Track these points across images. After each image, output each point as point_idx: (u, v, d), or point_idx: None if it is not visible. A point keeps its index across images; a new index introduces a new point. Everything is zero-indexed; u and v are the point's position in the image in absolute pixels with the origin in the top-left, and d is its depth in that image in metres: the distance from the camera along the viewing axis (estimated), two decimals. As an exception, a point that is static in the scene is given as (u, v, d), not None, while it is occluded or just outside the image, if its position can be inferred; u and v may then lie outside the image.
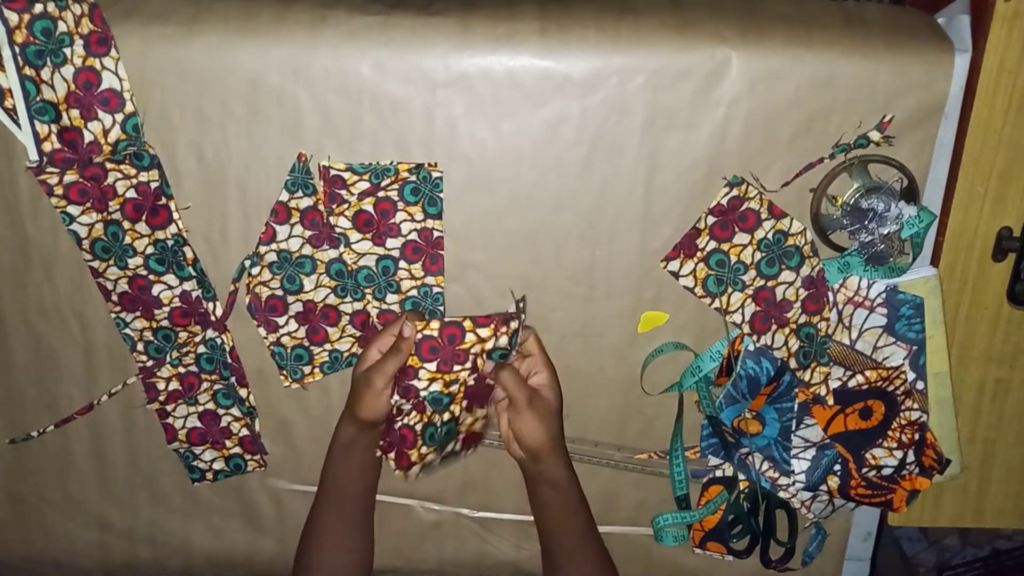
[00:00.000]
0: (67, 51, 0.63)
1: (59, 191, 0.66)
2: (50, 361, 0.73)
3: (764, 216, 0.67)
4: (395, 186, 0.67)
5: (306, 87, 0.65)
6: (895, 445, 0.71)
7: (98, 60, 0.64)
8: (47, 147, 0.65)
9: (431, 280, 0.70)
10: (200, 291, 0.70)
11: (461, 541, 0.78)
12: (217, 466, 0.76)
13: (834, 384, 0.71)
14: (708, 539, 0.76)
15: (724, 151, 0.66)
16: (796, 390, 0.71)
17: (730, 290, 0.69)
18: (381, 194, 0.67)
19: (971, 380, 0.74)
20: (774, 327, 0.69)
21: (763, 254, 0.68)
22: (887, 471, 0.72)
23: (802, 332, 0.69)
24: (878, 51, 0.64)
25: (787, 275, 0.68)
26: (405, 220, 0.68)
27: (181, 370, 0.73)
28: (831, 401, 0.71)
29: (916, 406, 0.71)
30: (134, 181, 0.67)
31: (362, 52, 0.64)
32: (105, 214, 0.67)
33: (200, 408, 0.74)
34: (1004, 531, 1.66)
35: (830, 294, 0.69)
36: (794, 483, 0.73)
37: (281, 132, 0.66)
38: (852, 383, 0.71)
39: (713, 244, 0.68)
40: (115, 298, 0.70)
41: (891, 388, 0.70)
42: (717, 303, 0.69)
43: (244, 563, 0.80)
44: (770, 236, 0.67)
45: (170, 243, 0.69)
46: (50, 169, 0.65)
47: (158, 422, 0.75)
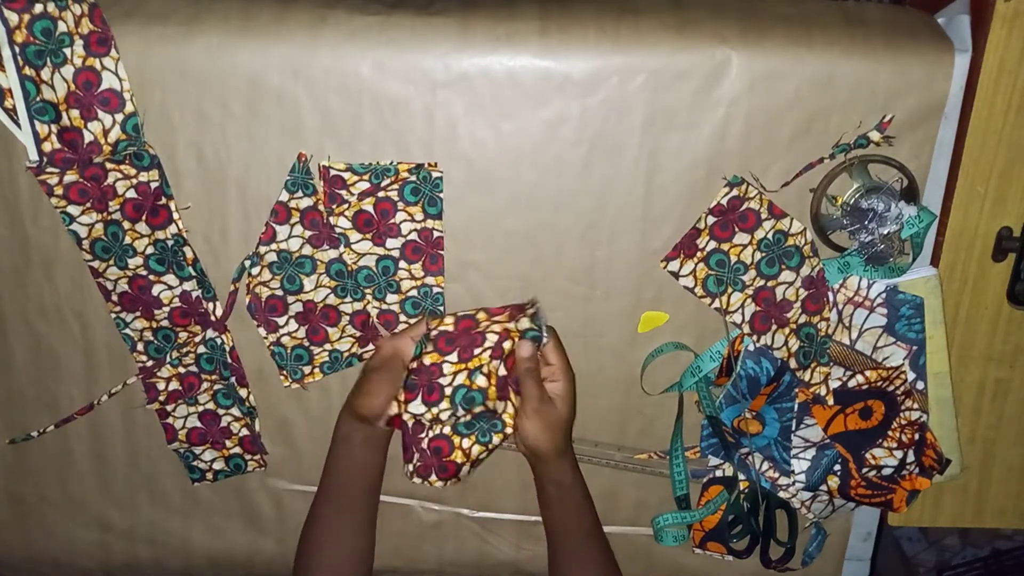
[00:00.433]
0: (67, 51, 0.63)
1: (59, 191, 0.66)
2: (50, 361, 0.73)
3: (764, 216, 0.67)
4: (395, 186, 0.67)
5: (306, 87, 0.65)
6: (895, 445, 0.71)
7: (98, 60, 0.64)
8: (47, 147, 0.65)
9: (431, 280, 0.70)
10: (200, 291, 0.70)
11: (461, 541, 0.78)
12: (217, 466, 0.76)
13: (834, 384, 0.71)
14: (708, 539, 0.76)
15: (724, 151, 0.66)
16: (796, 390, 0.71)
17: (730, 290, 0.69)
18: (381, 194, 0.67)
19: (971, 380, 0.74)
20: (774, 327, 0.69)
21: (763, 254, 0.68)
22: (887, 471, 0.72)
23: (802, 332, 0.69)
24: (878, 51, 0.64)
25: (787, 275, 0.68)
26: (405, 220, 0.68)
27: (181, 370, 0.73)
28: (831, 401, 0.71)
29: (916, 406, 0.71)
30: (134, 181, 0.67)
31: (362, 52, 0.64)
32: (105, 214, 0.67)
33: (200, 408, 0.74)
34: (1004, 531, 1.66)
35: (830, 294, 0.69)
36: (794, 483, 0.73)
37: (281, 132, 0.66)
38: (852, 383, 0.71)
39: (713, 244, 0.68)
40: (115, 298, 0.70)
41: (891, 388, 0.70)
42: (717, 303, 0.69)
43: (244, 563, 0.80)
44: (770, 236, 0.67)
45: (170, 243, 0.69)
46: (50, 169, 0.65)
47: (158, 422, 0.75)
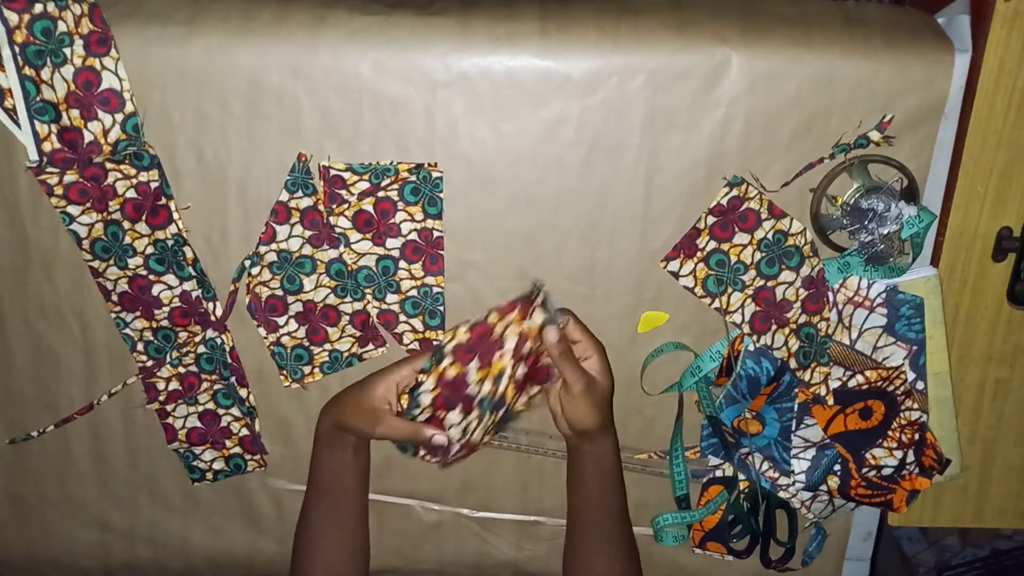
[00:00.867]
0: (67, 51, 0.63)
1: (59, 191, 0.66)
2: (50, 361, 0.73)
3: (764, 216, 0.67)
4: (395, 186, 0.67)
5: (306, 87, 0.65)
6: (895, 445, 0.71)
7: (98, 60, 0.64)
8: (47, 147, 0.65)
9: (431, 280, 0.70)
10: (200, 291, 0.70)
11: (461, 541, 0.78)
12: (217, 466, 0.76)
13: (834, 384, 0.71)
14: (708, 539, 0.76)
15: (724, 151, 0.66)
16: (796, 390, 0.71)
17: (730, 290, 0.69)
18: (381, 194, 0.67)
19: (971, 380, 0.74)
20: (774, 327, 0.69)
21: (763, 254, 0.68)
22: (887, 471, 0.72)
23: (802, 332, 0.69)
24: (878, 51, 0.64)
25: (787, 275, 0.68)
26: (405, 220, 0.68)
27: (181, 370, 0.73)
28: (831, 401, 0.71)
29: (916, 406, 0.71)
30: (134, 181, 0.67)
31: (362, 52, 0.64)
32: (105, 214, 0.67)
33: (200, 408, 0.74)
34: (1004, 531, 1.66)
35: (830, 294, 0.69)
36: (794, 483, 0.73)
37: (281, 132, 0.66)
38: (852, 383, 0.71)
39: (713, 244, 0.68)
40: (115, 298, 0.70)
41: (891, 388, 0.70)
42: (717, 303, 0.69)
43: (244, 563, 0.80)
44: (770, 236, 0.67)
45: (170, 243, 0.69)
46: (50, 169, 0.65)
47: (158, 422, 0.75)
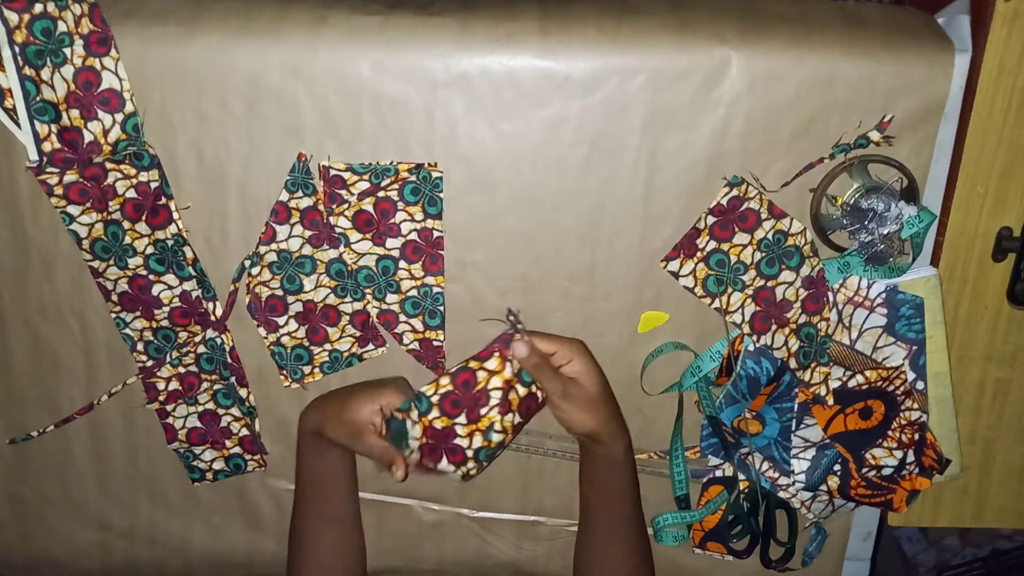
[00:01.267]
0: (67, 51, 0.63)
1: (59, 191, 0.66)
2: (50, 361, 0.73)
3: (764, 216, 0.67)
4: (395, 186, 0.67)
5: (306, 87, 0.65)
6: (895, 445, 0.71)
7: (98, 60, 0.64)
8: (47, 147, 0.65)
9: (431, 280, 0.70)
10: (200, 291, 0.70)
11: (461, 541, 0.78)
12: (217, 466, 0.76)
13: (834, 384, 0.71)
14: (708, 539, 0.76)
15: (724, 151, 0.66)
16: (796, 390, 0.71)
17: (730, 290, 0.69)
18: (381, 194, 0.67)
19: (971, 380, 0.74)
20: (774, 327, 0.69)
21: (763, 254, 0.68)
22: (887, 471, 0.72)
23: (802, 332, 0.69)
24: (878, 51, 0.64)
25: (787, 275, 0.68)
26: (405, 220, 0.68)
27: (181, 370, 0.73)
28: (831, 401, 0.71)
29: (916, 406, 0.71)
30: (134, 181, 0.67)
31: (362, 52, 0.64)
32: (105, 214, 0.67)
33: (200, 408, 0.74)
34: (1004, 531, 1.66)
35: (830, 294, 0.69)
36: (794, 483, 0.73)
37: (281, 132, 0.66)
38: (852, 383, 0.71)
39: (713, 244, 0.68)
40: (115, 298, 0.70)
41: (891, 388, 0.70)
42: (717, 303, 0.69)
43: (244, 563, 0.80)
44: (770, 236, 0.67)
45: (170, 243, 0.69)
46: (50, 169, 0.65)
47: (158, 422, 0.75)
